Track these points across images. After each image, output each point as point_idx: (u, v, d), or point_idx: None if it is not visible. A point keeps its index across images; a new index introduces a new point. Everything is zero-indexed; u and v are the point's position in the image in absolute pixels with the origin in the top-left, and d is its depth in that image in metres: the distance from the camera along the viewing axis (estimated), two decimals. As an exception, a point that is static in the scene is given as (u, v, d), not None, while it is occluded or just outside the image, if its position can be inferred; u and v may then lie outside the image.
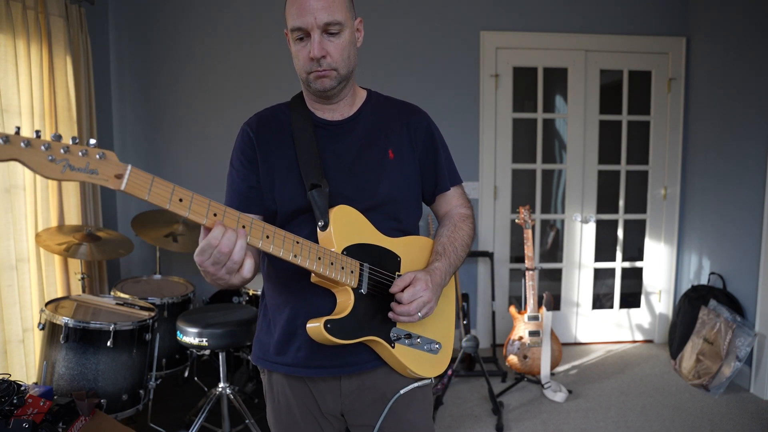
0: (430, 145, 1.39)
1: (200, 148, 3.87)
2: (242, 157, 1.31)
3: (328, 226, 1.19)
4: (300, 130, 1.30)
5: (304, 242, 1.11)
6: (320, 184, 1.22)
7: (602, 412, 3.07)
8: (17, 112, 2.60)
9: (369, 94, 1.40)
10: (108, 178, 0.87)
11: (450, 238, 1.37)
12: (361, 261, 1.21)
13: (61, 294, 2.83)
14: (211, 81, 3.84)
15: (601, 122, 4.10)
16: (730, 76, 3.62)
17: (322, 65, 1.20)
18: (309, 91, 1.29)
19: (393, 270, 1.28)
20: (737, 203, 3.53)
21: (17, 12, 2.55)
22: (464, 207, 1.46)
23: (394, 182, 1.31)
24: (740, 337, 3.25)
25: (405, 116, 1.37)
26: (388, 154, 1.32)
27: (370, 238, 1.25)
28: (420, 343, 1.29)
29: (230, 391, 2.58)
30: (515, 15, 3.97)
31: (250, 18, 3.82)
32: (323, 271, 1.13)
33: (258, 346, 1.38)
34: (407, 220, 1.36)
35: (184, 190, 0.95)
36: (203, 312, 2.69)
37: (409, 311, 1.19)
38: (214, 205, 1.00)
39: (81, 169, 0.84)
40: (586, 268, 4.20)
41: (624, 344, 4.21)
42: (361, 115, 1.35)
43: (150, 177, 0.91)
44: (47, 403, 1.92)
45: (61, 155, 0.82)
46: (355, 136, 1.32)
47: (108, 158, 0.87)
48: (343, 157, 1.29)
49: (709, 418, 2.99)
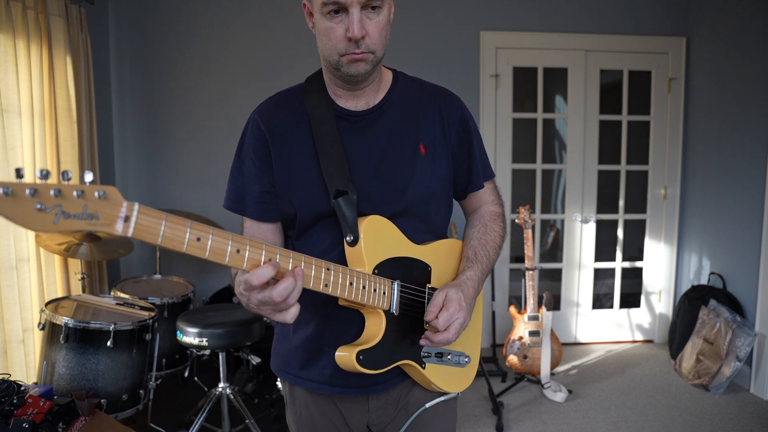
0: (464, 137, 1.24)
1: (201, 148, 3.87)
2: (254, 156, 1.15)
3: (358, 241, 1.06)
4: (319, 121, 1.13)
5: (335, 268, 0.99)
6: (347, 189, 1.08)
7: (602, 412, 3.07)
8: (17, 112, 2.59)
9: (395, 76, 1.23)
10: (111, 222, 0.72)
11: (481, 240, 1.25)
12: (392, 278, 1.10)
13: (61, 294, 2.83)
14: (211, 80, 3.84)
15: (601, 122, 4.10)
16: (730, 76, 3.62)
17: (360, 47, 1.03)
18: (336, 75, 1.12)
19: (423, 282, 1.17)
20: (737, 203, 3.53)
21: (17, 12, 2.55)
22: (495, 204, 1.33)
23: (425, 182, 1.17)
24: (740, 337, 3.25)
25: (436, 102, 1.21)
26: (419, 149, 1.17)
27: (401, 250, 1.14)
28: (450, 359, 1.20)
29: (230, 391, 2.58)
30: (515, 15, 3.97)
31: (249, 17, 3.82)
32: (354, 297, 1.02)
33: (278, 356, 1.28)
34: (437, 222, 1.24)
35: (201, 226, 0.81)
36: (203, 312, 2.68)
37: (448, 339, 1.09)
38: (237, 241, 0.86)
39: (77, 215, 0.68)
40: (586, 268, 4.20)
41: (624, 344, 4.21)
42: (388, 103, 1.18)
43: (161, 216, 0.76)
44: (47, 403, 1.92)
45: (52, 200, 0.67)
46: (382, 129, 1.16)
47: (110, 197, 0.72)
48: (368, 153, 1.14)
49: (709, 418, 2.99)
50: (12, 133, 2.55)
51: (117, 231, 0.72)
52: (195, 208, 3.65)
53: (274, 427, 2.80)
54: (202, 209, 3.61)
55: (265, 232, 1.21)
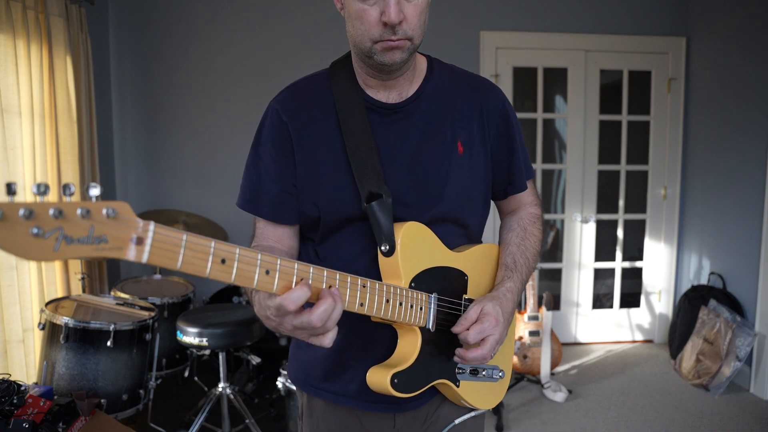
0: (505, 133, 1.13)
1: (201, 148, 3.87)
2: (273, 150, 1.05)
3: (394, 251, 0.97)
4: (348, 112, 1.02)
5: (371, 285, 0.90)
6: (380, 192, 0.98)
7: (602, 412, 3.07)
8: (17, 112, 2.59)
9: (430, 63, 1.11)
10: (122, 246, 0.61)
11: (520, 246, 1.16)
12: (428, 291, 1.01)
13: (61, 294, 2.83)
14: (211, 80, 3.84)
15: (601, 122, 4.09)
16: (730, 76, 3.62)
17: (397, 33, 0.92)
18: (367, 64, 1.01)
19: (460, 293, 1.08)
20: (737, 203, 3.53)
21: (17, 12, 2.55)
22: (534, 205, 1.24)
23: (463, 183, 1.07)
24: (740, 337, 3.25)
25: (476, 95, 1.10)
26: (456, 147, 1.07)
27: (438, 259, 1.04)
28: (484, 375, 1.11)
29: (230, 391, 2.58)
30: (515, 15, 3.97)
31: (249, 17, 3.82)
32: (391, 316, 0.93)
33: (298, 366, 1.19)
34: (474, 226, 1.15)
35: (226, 246, 0.72)
36: (203, 312, 2.69)
37: (483, 356, 0.99)
38: (266, 260, 0.76)
39: (82, 239, 0.58)
40: (586, 268, 4.20)
41: (624, 344, 4.21)
42: (423, 94, 1.07)
43: (180, 237, 0.67)
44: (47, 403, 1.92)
45: (52, 222, 0.56)
46: (416, 123, 1.06)
47: (120, 216, 0.61)
48: (401, 151, 1.04)
49: (709, 418, 2.99)
50: (12, 133, 2.55)
51: (129, 257, 0.62)
52: (195, 208, 3.64)
53: (274, 427, 2.80)
54: (202, 209, 3.61)
55: (281, 236, 1.11)
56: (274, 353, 3.15)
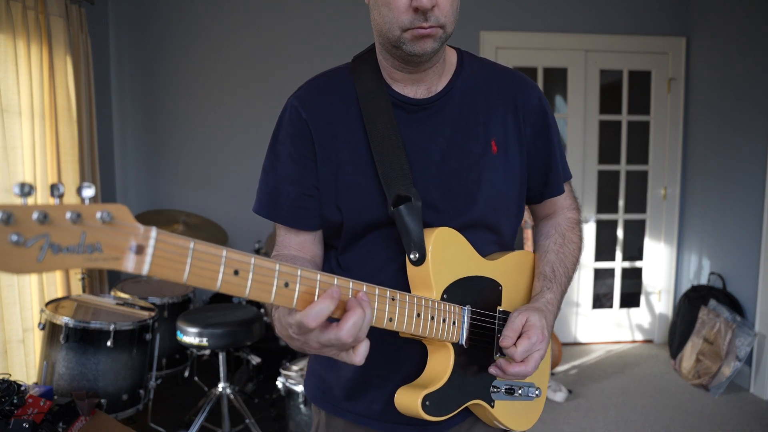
0: (542, 131, 1.05)
1: (201, 148, 3.87)
2: (292, 149, 0.98)
3: (424, 259, 0.89)
4: (373, 110, 0.95)
5: (401, 297, 0.82)
6: (409, 195, 0.91)
7: (602, 412, 3.07)
8: (17, 112, 2.59)
9: (460, 56, 1.04)
10: (119, 255, 0.53)
11: (559, 255, 1.08)
12: (461, 303, 0.93)
13: (61, 294, 2.83)
14: (211, 80, 3.84)
15: (601, 122, 4.10)
16: (730, 76, 3.62)
17: (429, 20, 0.85)
18: (395, 55, 0.94)
19: (494, 304, 1.00)
20: (737, 203, 3.54)
21: (17, 12, 2.55)
22: (573, 209, 1.15)
23: (497, 186, 1.00)
24: (740, 337, 3.25)
25: (511, 90, 1.03)
26: (490, 147, 0.99)
27: (470, 268, 0.96)
28: (521, 394, 1.03)
29: (230, 391, 2.58)
30: (515, 15, 3.97)
31: (249, 17, 3.82)
32: (422, 332, 0.85)
33: (316, 382, 1.10)
34: (507, 232, 1.07)
35: (239, 255, 0.64)
36: (203, 312, 2.69)
37: (526, 372, 0.90)
38: (285, 271, 0.68)
39: (72, 248, 0.50)
40: (585, 268, 4.20)
41: (624, 344, 4.21)
42: (454, 89, 0.99)
43: (187, 244, 0.58)
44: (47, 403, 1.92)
45: (35, 228, 0.48)
46: (446, 120, 0.98)
47: (117, 220, 0.53)
48: (429, 150, 0.97)
49: (709, 418, 2.99)
50: (12, 133, 2.55)
51: (127, 267, 0.54)
52: (195, 208, 3.64)
53: (274, 427, 2.80)
54: (202, 209, 3.61)
55: (303, 243, 1.03)
56: (274, 353, 3.15)
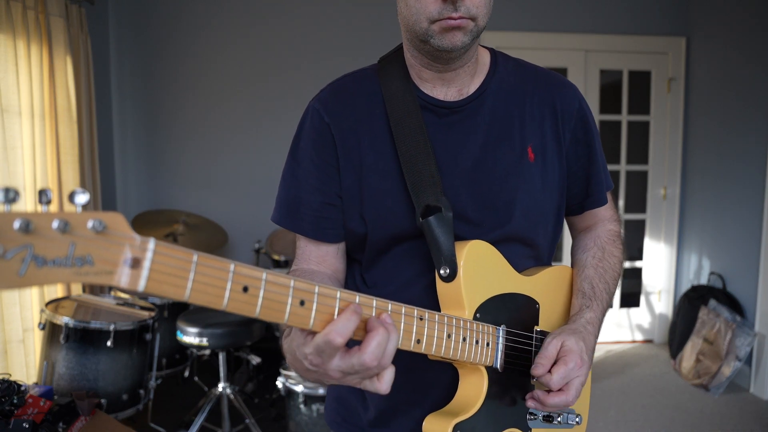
0: (583, 138, 0.99)
1: (201, 148, 3.87)
2: (314, 155, 0.91)
3: (456, 275, 0.82)
4: (401, 113, 0.88)
5: (429, 316, 0.75)
6: (439, 205, 0.84)
7: (602, 412, 3.07)
8: (17, 112, 2.60)
9: (493, 56, 0.98)
10: (112, 269, 0.48)
11: (598, 270, 0.99)
12: (495, 323, 0.86)
13: (62, 294, 2.83)
14: (211, 80, 3.84)
15: (600, 122, 4.10)
16: (730, 76, 3.62)
17: (459, 10, 0.80)
18: (423, 51, 0.87)
19: (531, 323, 0.92)
20: (737, 203, 3.54)
21: (17, 12, 2.55)
22: (614, 221, 1.08)
23: (535, 197, 0.92)
24: (740, 337, 3.25)
25: (549, 94, 0.96)
26: (526, 154, 0.92)
27: (505, 284, 0.89)
28: (559, 423, 0.93)
29: (230, 391, 2.58)
30: (515, 15, 3.97)
31: (250, 17, 3.82)
32: (453, 355, 0.78)
33: (337, 408, 1.04)
34: (543, 246, 0.99)
35: (249, 270, 0.58)
36: (203, 312, 2.69)
37: (567, 401, 0.83)
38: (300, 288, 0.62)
39: (59, 260, 0.45)
40: (586, 268, 4.19)
41: (624, 344, 4.21)
42: (487, 92, 0.93)
43: (189, 257, 0.53)
44: (47, 403, 1.92)
45: (17, 239, 0.42)
46: (479, 125, 0.91)
47: (111, 230, 0.48)
48: (461, 157, 0.90)
49: (709, 418, 2.99)
50: (12, 133, 2.55)
51: (121, 282, 0.49)
52: (195, 208, 3.65)
53: (274, 427, 2.80)
54: (202, 209, 3.61)
55: (324, 256, 0.96)
56: (274, 353, 3.15)
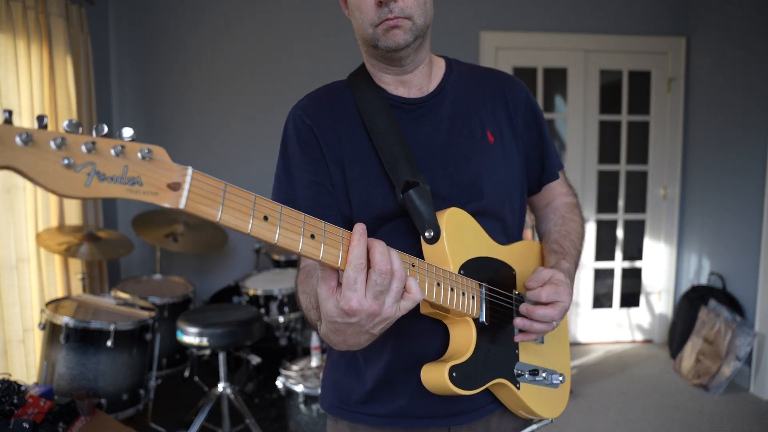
0: (533, 122, 1.12)
1: (201, 146, 3.87)
2: (301, 153, 1.01)
3: (439, 237, 0.91)
4: (372, 110, 1.01)
5: (420, 264, 0.83)
6: (417, 180, 0.94)
7: (602, 412, 3.07)
8: (17, 112, 2.59)
9: (448, 62, 1.14)
10: (158, 191, 0.57)
11: (561, 232, 1.12)
12: (478, 281, 0.94)
13: (62, 294, 2.83)
14: (211, 79, 3.84)
15: (600, 122, 4.10)
16: (729, 76, 3.62)
17: (393, 11, 0.92)
18: (376, 55, 1.01)
19: (509, 288, 1.02)
20: (737, 203, 3.54)
21: (17, 12, 2.55)
22: (569, 195, 1.20)
23: (499, 174, 1.04)
24: (740, 337, 3.25)
25: (499, 87, 1.11)
26: (486, 137, 1.04)
27: (484, 249, 0.99)
28: (544, 378, 1.04)
29: (230, 391, 2.58)
30: (515, 15, 3.97)
31: (249, 17, 3.82)
32: (443, 301, 0.86)
33: (335, 391, 1.09)
34: (512, 221, 1.09)
35: (268, 202, 0.68)
36: (203, 312, 2.69)
37: (551, 316, 0.92)
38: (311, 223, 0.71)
39: (116, 178, 0.54)
40: (585, 268, 4.20)
41: (624, 344, 4.21)
42: (446, 89, 1.07)
43: (221, 185, 0.63)
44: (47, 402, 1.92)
45: (84, 156, 0.52)
46: (442, 117, 1.04)
47: (157, 158, 0.58)
48: (431, 144, 1.01)
49: (709, 418, 2.99)
50: (12, 133, 2.55)
51: (165, 202, 0.57)
52: (195, 208, 3.64)
53: (274, 427, 2.80)
54: (202, 209, 3.61)
55: None
56: (274, 353, 3.15)
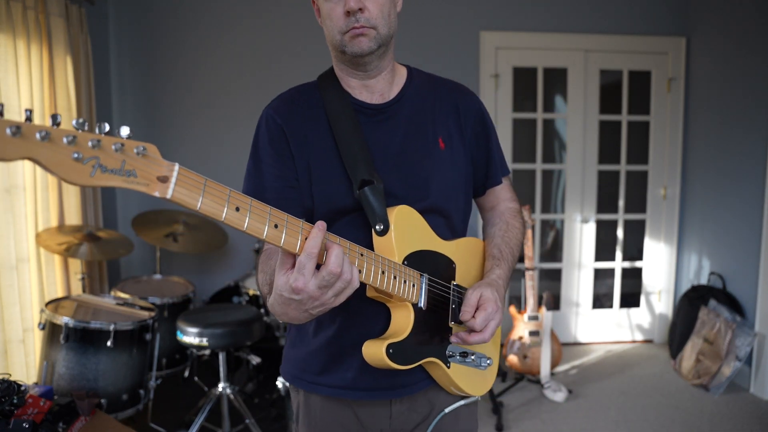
0: (481, 131, 1.23)
1: (201, 146, 3.87)
2: (272, 150, 1.12)
3: (388, 230, 1.04)
4: (337, 113, 1.11)
5: (369, 254, 0.96)
6: (372, 179, 1.06)
7: (602, 412, 3.07)
8: (17, 112, 2.59)
9: (410, 71, 1.23)
10: (149, 182, 0.68)
11: (504, 238, 1.25)
12: (420, 271, 1.07)
13: (62, 294, 2.83)
14: (211, 80, 3.84)
15: (600, 122, 4.10)
16: (730, 76, 3.62)
17: (360, 20, 1.03)
18: (343, 60, 1.12)
19: (448, 279, 1.15)
20: (737, 203, 3.54)
21: (17, 12, 2.55)
22: (513, 201, 1.33)
23: (447, 176, 1.16)
24: (740, 337, 3.25)
25: (453, 97, 1.22)
26: (438, 143, 1.16)
27: (427, 243, 1.12)
28: (474, 360, 1.17)
29: (230, 391, 2.58)
30: (515, 15, 3.97)
31: (249, 17, 3.82)
32: (386, 287, 0.99)
33: (292, 362, 1.23)
34: (458, 219, 1.22)
35: (240, 195, 0.79)
36: (203, 312, 2.69)
37: (484, 339, 1.07)
38: (276, 215, 0.82)
39: (115, 170, 0.65)
40: (585, 268, 4.20)
41: (624, 344, 4.21)
42: (405, 96, 1.18)
43: (201, 180, 0.74)
44: (47, 403, 1.92)
45: (90, 151, 0.63)
46: (401, 123, 1.15)
47: (149, 154, 0.69)
48: (388, 147, 1.13)
49: (709, 418, 2.99)
50: (12, 133, 2.55)
51: (154, 192, 0.69)
52: (195, 208, 3.64)
53: (274, 427, 2.80)
54: (202, 209, 3.61)
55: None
56: (274, 353, 3.15)
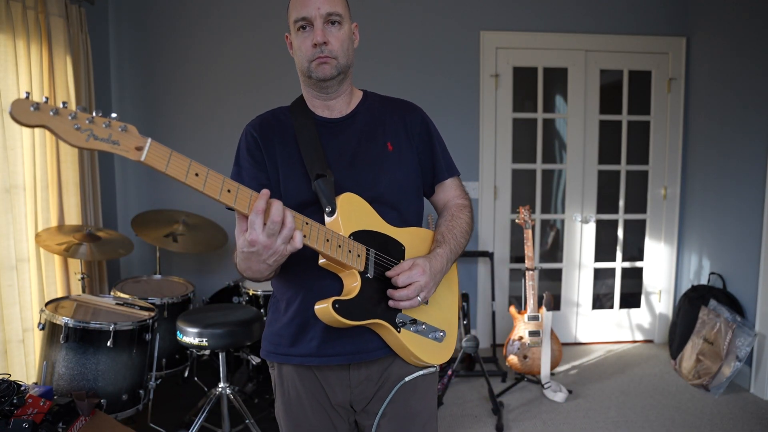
0: (426, 139, 1.44)
1: (201, 146, 3.87)
2: (249, 158, 1.35)
3: (335, 212, 1.23)
4: (302, 127, 1.35)
5: (314, 224, 1.14)
6: (325, 173, 1.27)
7: (602, 412, 3.07)
8: (17, 112, 2.59)
9: (365, 94, 1.46)
10: (129, 150, 0.91)
11: (448, 226, 1.41)
12: (367, 246, 1.24)
13: (61, 294, 2.83)
14: (211, 80, 3.84)
15: (601, 122, 4.10)
16: (730, 76, 3.62)
17: (324, 51, 1.26)
18: (309, 84, 1.34)
19: (398, 258, 1.31)
20: (737, 203, 3.53)
21: (17, 12, 2.56)
22: (462, 198, 1.49)
23: (393, 173, 1.35)
24: (740, 337, 3.25)
25: (401, 113, 1.43)
26: (386, 147, 1.37)
27: (376, 226, 1.29)
28: (425, 330, 1.32)
29: (230, 391, 2.58)
30: (515, 15, 3.97)
31: (249, 17, 3.82)
32: (331, 252, 1.16)
33: (268, 340, 1.40)
34: (408, 212, 1.40)
35: (200, 166, 0.99)
36: (203, 312, 2.69)
37: (408, 295, 1.23)
38: (229, 182, 1.04)
39: (104, 139, 0.88)
40: (586, 268, 4.19)
41: (624, 344, 4.21)
42: (359, 111, 1.40)
43: (168, 151, 0.95)
44: (47, 403, 1.92)
45: (86, 125, 0.87)
46: (354, 131, 1.37)
47: (130, 131, 0.91)
48: (344, 151, 1.34)
49: (709, 418, 2.99)
50: (12, 133, 2.56)
51: (133, 157, 0.92)
52: (195, 208, 3.64)
53: (274, 427, 2.79)
54: (202, 209, 3.61)
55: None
56: (274, 353, 3.15)
